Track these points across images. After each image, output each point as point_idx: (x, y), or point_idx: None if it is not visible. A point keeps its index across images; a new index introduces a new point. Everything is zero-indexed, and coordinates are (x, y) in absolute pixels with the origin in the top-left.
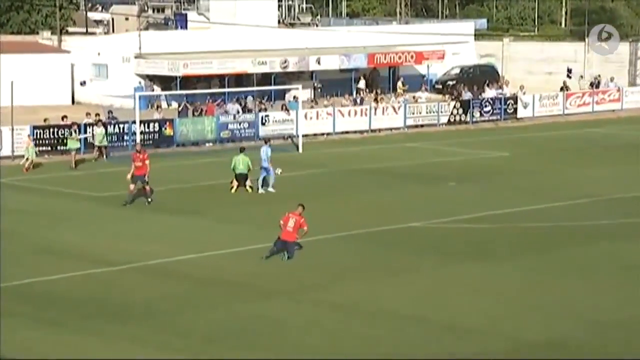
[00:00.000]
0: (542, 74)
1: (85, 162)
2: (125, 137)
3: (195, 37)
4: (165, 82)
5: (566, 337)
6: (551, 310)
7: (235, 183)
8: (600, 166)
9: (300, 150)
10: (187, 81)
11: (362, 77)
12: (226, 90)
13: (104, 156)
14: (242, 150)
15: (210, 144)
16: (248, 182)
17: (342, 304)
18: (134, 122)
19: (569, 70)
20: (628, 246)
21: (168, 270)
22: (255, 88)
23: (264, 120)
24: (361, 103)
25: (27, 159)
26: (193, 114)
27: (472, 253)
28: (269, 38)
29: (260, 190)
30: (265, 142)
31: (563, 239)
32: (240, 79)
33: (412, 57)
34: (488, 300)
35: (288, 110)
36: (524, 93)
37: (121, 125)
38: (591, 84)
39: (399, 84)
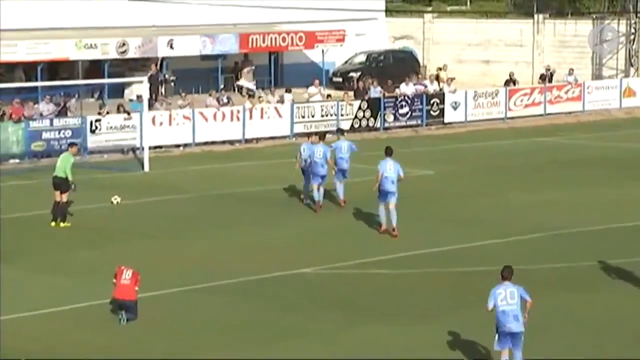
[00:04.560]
0: (477, 62)
1: None
2: None
3: None
4: None
5: None
6: None
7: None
8: (553, 189)
9: (147, 168)
10: None
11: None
12: (38, 84)
13: None
14: (72, 145)
15: (17, 160)
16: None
17: None
18: None
19: None
20: (587, 298)
21: None
22: (80, 81)
23: (93, 127)
24: (229, 102)
25: None
26: None
27: (381, 310)
28: (99, 12)
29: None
30: (342, 133)
31: None
32: (57, 69)
33: (300, 39)
34: None
35: (128, 113)
36: (454, 91)
37: None
38: (542, 77)
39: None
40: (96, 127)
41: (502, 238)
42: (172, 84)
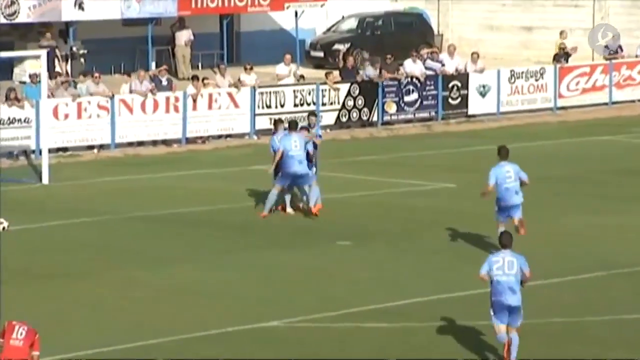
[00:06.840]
0: (514, 29)
1: None
2: None
3: None
4: None
5: None
6: None
7: None
8: (620, 210)
9: (46, 179)
10: None
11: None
12: None
13: None
14: None
15: None
16: None
17: None
18: None
19: None
20: None
21: None
22: None
23: None
24: (170, 87)
25: None
26: None
27: None
28: None
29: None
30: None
31: (550, 349)
32: None
33: None
34: None
35: (19, 100)
36: (481, 70)
37: None
38: (607, 49)
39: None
40: None
41: (546, 278)
42: (82, 59)
